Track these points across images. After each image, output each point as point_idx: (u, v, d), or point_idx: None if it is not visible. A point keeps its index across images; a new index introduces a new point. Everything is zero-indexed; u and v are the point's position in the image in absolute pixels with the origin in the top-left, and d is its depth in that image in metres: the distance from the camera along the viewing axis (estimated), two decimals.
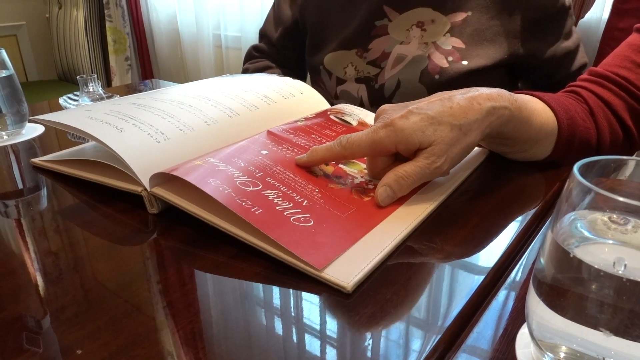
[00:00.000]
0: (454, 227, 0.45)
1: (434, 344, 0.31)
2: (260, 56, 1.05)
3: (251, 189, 0.44)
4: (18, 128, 0.70)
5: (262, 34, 1.05)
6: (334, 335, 0.33)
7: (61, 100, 0.79)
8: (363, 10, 0.84)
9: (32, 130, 0.73)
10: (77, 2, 2.55)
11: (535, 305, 0.28)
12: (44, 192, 0.55)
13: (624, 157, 0.26)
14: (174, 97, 0.60)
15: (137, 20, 2.43)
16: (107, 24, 2.43)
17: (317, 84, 0.95)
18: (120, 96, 0.85)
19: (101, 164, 0.51)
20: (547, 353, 0.28)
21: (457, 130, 0.47)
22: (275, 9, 1.00)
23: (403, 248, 0.42)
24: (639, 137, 0.63)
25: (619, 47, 0.65)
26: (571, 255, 0.24)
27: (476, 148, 0.60)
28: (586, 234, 0.26)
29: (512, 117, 0.51)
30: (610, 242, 0.25)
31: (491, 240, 0.44)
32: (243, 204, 0.41)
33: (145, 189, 0.46)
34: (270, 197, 0.44)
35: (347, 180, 0.50)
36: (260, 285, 0.38)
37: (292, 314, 0.35)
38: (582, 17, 1.16)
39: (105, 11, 2.41)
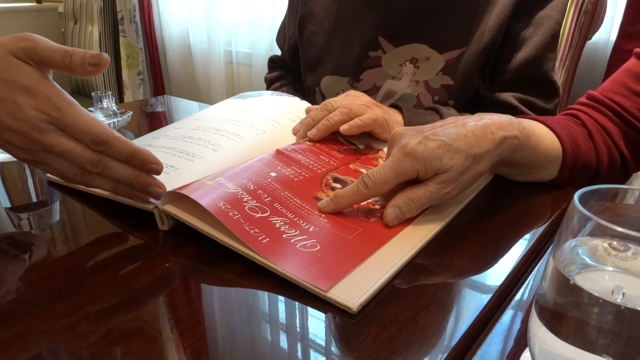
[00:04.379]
0: (460, 247, 0.46)
1: (446, 356, 0.32)
2: (274, 66, 1.07)
3: (259, 215, 0.45)
4: None
5: (277, 43, 1.06)
6: (339, 354, 0.33)
7: None
8: (359, 38, 0.84)
9: None
10: (93, 17, 2.60)
11: (537, 329, 0.28)
12: (57, 206, 0.57)
13: (624, 187, 0.27)
14: (184, 133, 0.61)
15: (150, 36, 2.47)
16: (121, 39, 2.48)
17: (311, 103, 0.96)
18: (132, 112, 0.87)
19: None
20: None
21: (471, 159, 0.48)
22: (284, 21, 1.02)
23: (410, 267, 0.42)
24: (633, 163, 0.64)
25: (617, 71, 0.66)
26: (571, 282, 0.25)
27: None
28: (587, 260, 0.26)
29: (521, 145, 0.52)
30: (610, 269, 0.26)
31: (498, 260, 0.44)
32: (251, 231, 0.42)
33: (157, 207, 0.48)
34: (277, 225, 0.44)
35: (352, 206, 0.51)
36: (268, 302, 0.39)
37: (298, 332, 0.36)
38: (590, 39, 1.17)
39: (120, 27, 2.46)
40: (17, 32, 0.47)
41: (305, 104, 0.74)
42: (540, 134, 0.56)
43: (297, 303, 0.38)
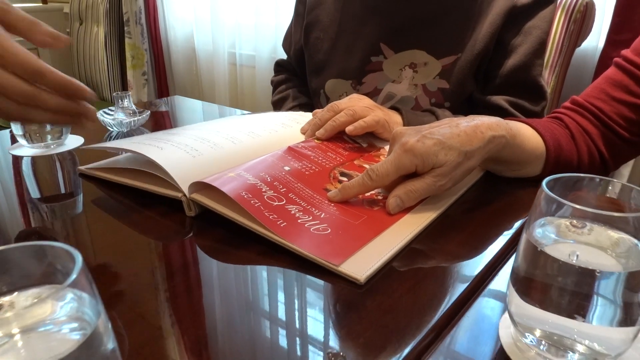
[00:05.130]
0: (453, 233, 0.52)
1: (433, 323, 0.38)
2: (281, 69, 1.12)
3: (276, 203, 0.51)
4: (63, 139, 0.78)
5: (283, 47, 1.12)
6: (349, 318, 0.39)
7: (98, 114, 0.86)
8: (362, 43, 0.91)
9: (73, 142, 0.80)
10: (98, 18, 2.66)
11: (513, 294, 0.34)
12: (81, 198, 0.63)
13: (582, 175, 0.33)
14: (204, 129, 0.69)
15: (155, 38, 2.53)
16: (127, 40, 2.53)
17: (316, 106, 1.02)
18: (149, 111, 0.93)
19: (140, 173, 0.59)
20: (526, 334, 0.35)
21: (463, 155, 0.54)
22: (291, 26, 1.08)
23: (408, 250, 0.48)
24: (611, 162, 0.70)
25: (598, 79, 0.72)
26: (539, 250, 0.31)
27: None
28: (552, 235, 0.32)
29: (508, 144, 0.59)
30: (570, 241, 0.32)
31: (485, 244, 0.50)
32: (270, 217, 0.49)
33: (185, 195, 0.54)
34: (293, 212, 0.51)
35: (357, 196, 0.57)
36: (285, 277, 0.45)
37: (313, 300, 0.42)
38: (579, 46, 1.24)
39: (125, 28, 2.52)
40: None
41: (309, 116, 0.80)
42: (526, 134, 0.63)
43: (311, 277, 0.44)
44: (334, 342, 0.37)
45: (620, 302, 0.30)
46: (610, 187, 0.33)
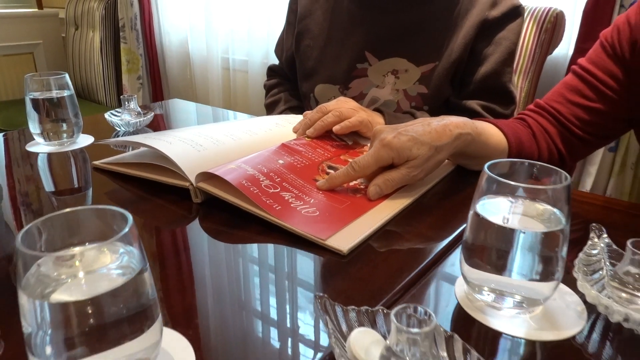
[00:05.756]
0: (424, 216, 0.60)
1: (405, 281, 0.46)
2: (273, 74, 1.21)
3: (272, 190, 0.59)
4: (75, 137, 0.85)
5: (275, 54, 1.20)
6: (334, 281, 0.47)
7: (106, 115, 0.94)
8: (349, 51, 0.99)
9: (84, 140, 0.88)
10: (94, 24, 2.72)
11: (462, 259, 0.43)
12: (96, 189, 0.70)
13: (514, 160, 0.41)
14: (204, 128, 0.76)
15: (150, 43, 2.60)
16: (122, 45, 2.60)
17: (307, 109, 1.09)
18: (153, 113, 1.00)
19: (148, 166, 0.67)
20: (474, 289, 0.43)
21: (434, 150, 0.63)
22: (282, 33, 1.16)
23: (385, 230, 0.57)
24: (568, 158, 0.79)
25: (558, 84, 0.82)
26: (480, 218, 0.39)
27: (445, 161, 0.76)
28: (491, 208, 0.41)
29: (474, 141, 0.67)
30: (505, 213, 0.41)
31: (451, 226, 0.59)
32: (267, 201, 0.57)
33: (192, 184, 0.62)
34: (286, 198, 0.59)
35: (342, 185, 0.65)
36: (280, 251, 0.53)
37: (304, 269, 0.50)
38: (551, 54, 1.33)
39: (121, 33, 2.58)
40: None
41: (300, 117, 0.89)
42: (491, 132, 0.72)
43: (302, 250, 0.52)
44: None
45: (541, 259, 0.38)
46: (535, 169, 0.41)
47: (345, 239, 0.52)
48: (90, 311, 0.30)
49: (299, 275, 0.49)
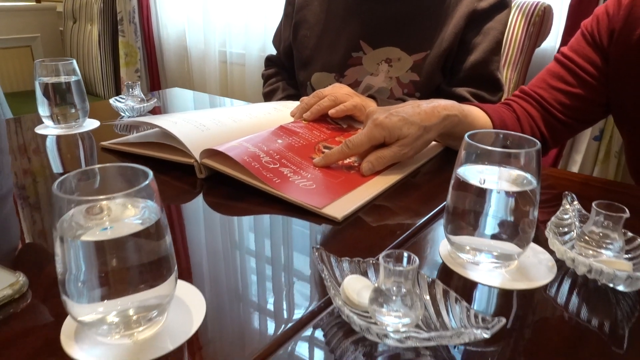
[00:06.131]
0: (412, 191, 0.65)
1: (395, 243, 0.51)
2: (271, 64, 1.25)
3: (272, 166, 0.64)
4: (82, 121, 0.89)
5: (273, 44, 1.24)
6: (330, 245, 0.52)
7: (111, 101, 0.98)
8: (344, 40, 1.03)
9: (90, 124, 0.92)
10: (92, 17, 2.75)
11: (445, 222, 0.47)
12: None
13: (491, 130, 0.46)
14: (207, 111, 0.81)
15: (148, 36, 2.64)
16: (120, 39, 2.63)
17: (303, 96, 1.14)
18: (156, 99, 1.04)
19: (153, 145, 0.71)
20: (456, 248, 0.47)
21: (423, 129, 0.67)
22: (280, 25, 1.20)
23: (376, 203, 0.61)
24: (551, 140, 0.84)
25: (541, 71, 0.86)
26: (460, 180, 0.44)
27: (434, 143, 0.81)
28: (467, 173, 0.45)
29: (460, 122, 0.72)
30: (483, 177, 0.45)
31: (437, 199, 0.63)
32: (267, 175, 0.61)
33: (196, 160, 0.66)
34: (285, 173, 0.63)
35: (338, 161, 0.70)
36: (279, 220, 0.57)
37: (302, 235, 0.54)
38: (539, 46, 1.38)
39: (119, 27, 2.61)
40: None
41: (297, 104, 0.93)
42: (477, 115, 0.76)
43: (299, 219, 0.57)
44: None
45: (515, 217, 0.43)
46: (509, 141, 0.46)
47: (339, 208, 0.56)
48: (115, 252, 0.34)
49: (295, 240, 0.54)
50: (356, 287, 0.39)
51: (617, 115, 0.86)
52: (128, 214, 0.37)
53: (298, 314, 0.41)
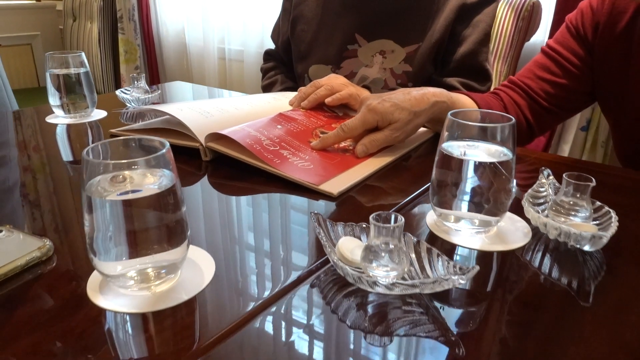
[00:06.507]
0: (402, 172, 0.70)
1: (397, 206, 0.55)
2: (269, 58, 1.30)
3: (272, 148, 0.68)
4: (91, 111, 0.94)
5: (272, 38, 1.29)
6: (327, 215, 0.56)
7: (118, 92, 1.02)
8: (340, 33, 1.08)
9: (98, 114, 0.96)
10: (92, 15, 2.79)
11: (430, 193, 0.52)
12: None
13: (472, 109, 0.50)
14: (209, 100, 0.85)
15: (147, 34, 2.68)
16: (120, 36, 2.67)
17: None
18: (160, 91, 1.09)
19: (160, 131, 0.75)
20: (442, 216, 0.52)
21: (413, 114, 0.72)
22: (278, 20, 1.25)
23: (368, 182, 0.66)
24: (537, 128, 0.89)
25: (529, 62, 0.92)
26: (443, 153, 0.49)
27: (424, 129, 0.85)
28: (453, 149, 0.50)
29: (448, 108, 0.77)
30: (464, 150, 0.50)
31: (425, 179, 0.68)
32: (268, 156, 0.66)
33: (202, 144, 0.70)
34: (285, 154, 0.68)
35: (334, 144, 0.74)
36: (278, 197, 0.62)
37: (301, 209, 0.59)
38: (528, 40, 1.43)
39: (119, 24, 2.66)
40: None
41: (295, 94, 0.98)
42: (465, 103, 0.81)
43: (298, 196, 0.61)
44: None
45: (493, 186, 0.48)
46: (487, 119, 0.51)
47: (335, 185, 0.61)
48: (136, 211, 0.38)
49: (293, 213, 0.58)
50: (349, 246, 0.44)
51: (603, 104, 0.91)
52: (147, 182, 0.41)
53: (296, 273, 0.46)
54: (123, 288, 0.41)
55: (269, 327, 0.39)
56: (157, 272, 0.41)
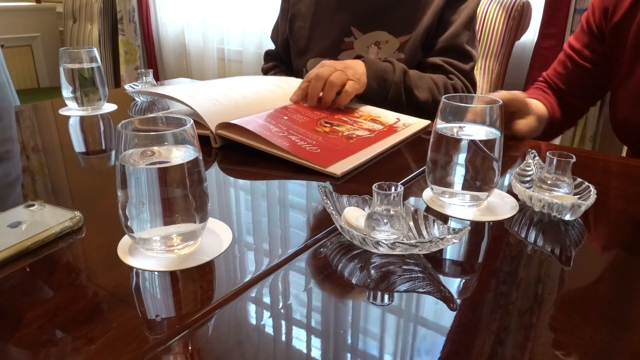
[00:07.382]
0: (397, 159, 0.75)
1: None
2: (269, 58, 1.35)
3: (281, 134, 0.73)
4: (102, 104, 0.98)
5: (271, 39, 1.34)
6: (332, 192, 0.61)
7: (127, 87, 1.07)
8: (336, 27, 1.14)
9: (109, 107, 1.01)
10: (92, 17, 2.83)
11: (426, 171, 0.57)
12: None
13: (465, 94, 0.55)
14: (216, 85, 0.90)
15: (147, 35, 2.72)
16: (120, 37, 2.72)
17: None
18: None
19: None
20: (436, 192, 0.57)
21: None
22: (277, 20, 1.30)
23: (369, 166, 0.71)
24: (564, 121, 1.00)
25: (555, 60, 1.03)
26: (438, 133, 0.54)
27: (423, 120, 0.90)
28: (447, 129, 0.55)
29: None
30: (457, 130, 0.55)
31: (423, 162, 0.73)
32: (277, 141, 0.70)
33: (212, 131, 0.75)
34: (293, 139, 0.73)
35: (338, 133, 0.79)
36: (287, 180, 0.67)
37: (309, 189, 0.64)
38: (519, 39, 1.49)
39: (119, 26, 2.70)
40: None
41: (296, 80, 1.03)
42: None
43: (304, 180, 0.66)
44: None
45: (484, 163, 0.53)
46: (475, 100, 0.56)
47: (339, 167, 0.66)
48: (164, 179, 0.43)
49: (300, 192, 0.63)
50: (354, 214, 0.49)
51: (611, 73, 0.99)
52: (174, 156, 0.46)
53: (303, 240, 0.50)
54: (151, 250, 0.46)
55: (281, 283, 0.44)
56: (180, 237, 0.46)
